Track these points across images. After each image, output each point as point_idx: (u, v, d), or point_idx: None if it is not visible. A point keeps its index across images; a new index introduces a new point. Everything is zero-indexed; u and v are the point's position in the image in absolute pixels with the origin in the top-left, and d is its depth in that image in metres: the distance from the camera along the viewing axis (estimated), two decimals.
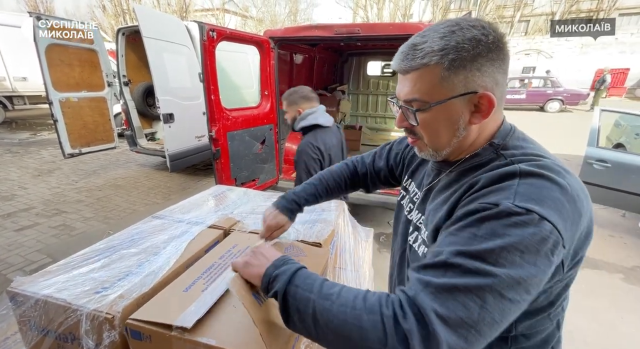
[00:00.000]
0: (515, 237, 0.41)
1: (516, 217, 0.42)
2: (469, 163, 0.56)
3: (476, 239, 0.43)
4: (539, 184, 0.45)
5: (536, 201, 0.43)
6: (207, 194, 1.37)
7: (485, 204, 0.45)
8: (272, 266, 0.55)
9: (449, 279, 0.42)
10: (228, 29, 2.55)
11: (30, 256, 2.62)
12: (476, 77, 0.49)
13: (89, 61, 4.27)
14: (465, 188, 0.51)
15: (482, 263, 0.41)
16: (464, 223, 0.46)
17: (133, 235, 0.96)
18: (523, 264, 0.41)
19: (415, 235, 0.65)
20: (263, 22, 23.64)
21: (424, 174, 0.70)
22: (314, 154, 1.62)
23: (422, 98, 0.52)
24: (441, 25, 0.51)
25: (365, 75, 5.33)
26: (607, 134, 4.12)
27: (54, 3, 19.06)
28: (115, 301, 0.65)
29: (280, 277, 0.52)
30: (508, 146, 0.54)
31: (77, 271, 0.76)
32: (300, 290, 0.49)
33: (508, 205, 0.43)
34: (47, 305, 0.65)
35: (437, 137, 0.55)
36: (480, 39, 0.48)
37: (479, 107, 0.51)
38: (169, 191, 4.22)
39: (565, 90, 12.00)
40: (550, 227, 0.42)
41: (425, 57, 0.49)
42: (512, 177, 0.46)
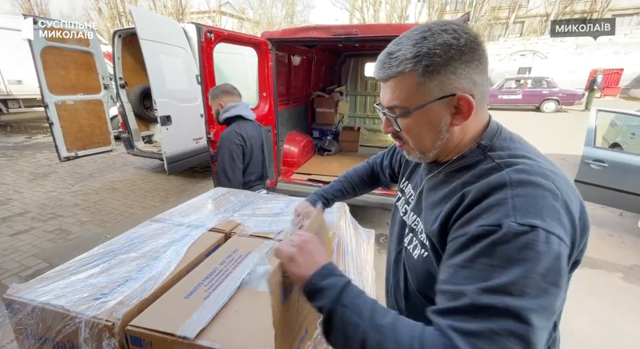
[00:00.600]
0: (532, 261, 0.40)
1: (524, 237, 0.41)
2: (456, 164, 0.57)
3: (494, 270, 0.41)
4: (532, 194, 0.44)
5: (536, 214, 0.42)
6: (206, 197, 1.35)
7: (487, 227, 0.43)
8: (318, 274, 0.51)
9: (483, 324, 0.40)
10: (226, 31, 2.54)
11: (25, 261, 2.58)
12: (452, 80, 0.50)
13: (85, 64, 4.24)
14: (457, 199, 0.51)
15: (510, 297, 0.39)
16: (473, 252, 0.44)
17: (132, 239, 0.95)
18: (548, 287, 0.40)
19: (410, 237, 0.64)
20: (260, 25, 23.66)
21: (419, 174, 0.72)
22: (236, 140, 1.72)
23: (401, 104, 0.54)
24: (415, 31, 0.52)
25: (363, 77, 5.33)
26: (604, 134, 4.15)
27: (49, 5, 18.96)
28: (115, 308, 0.64)
29: (327, 292, 0.49)
30: (495, 147, 0.54)
31: (76, 276, 0.75)
32: (348, 312, 0.47)
33: (511, 225, 0.42)
34: (45, 312, 0.63)
35: (421, 141, 0.57)
36: (451, 44, 0.49)
37: (459, 108, 0.52)
38: (167, 193, 4.19)
39: (560, 90, 12.09)
40: (557, 241, 0.42)
41: (400, 65, 0.51)
42: (501, 188, 0.46)
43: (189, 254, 0.87)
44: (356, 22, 22.37)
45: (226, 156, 1.71)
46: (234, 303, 0.68)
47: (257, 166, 1.89)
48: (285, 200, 1.31)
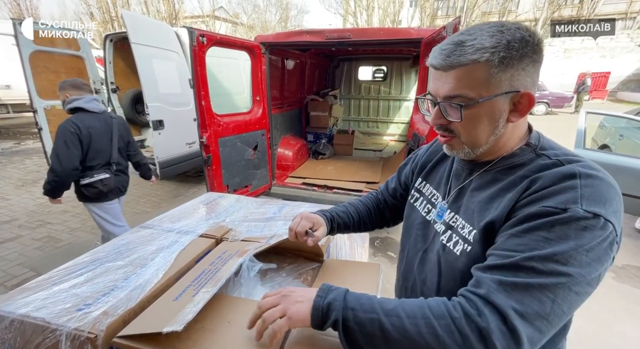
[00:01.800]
0: (584, 239, 0.44)
1: (585, 221, 0.45)
2: (507, 162, 0.58)
3: (547, 242, 0.45)
4: (598, 186, 0.47)
5: (601, 204, 0.46)
6: (197, 202, 1.33)
7: (552, 208, 0.47)
8: (318, 297, 0.53)
9: (521, 279, 0.44)
10: (218, 35, 2.53)
11: (12, 270, 2.51)
12: (521, 76, 0.51)
13: (75, 68, 4.18)
14: (524, 186, 0.52)
15: (554, 264, 0.44)
16: (530, 225, 0.47)
17: (120, 247, 0.92)
18: (590, 262, 0.44)
19: (449, 234, 0.63)
20: (254, 29, 23.71)
21: (442, 175, 0.72)
22: (71, 128, 1.91)
23: (467, 94, 0.53)
24: (485, 26, 0.53)
25: (357, 80, 5.36)
26: (593, 135, 4.23)
27: (39, 10, 18.76)
28: (98, 319, 0.61)
29: (333, 304, 0.51)
30: (545, 146, 0.57)
31: (58, 286, 0.72)
32: (358, 313, 0.50)
33: (578, 210, 0.45)
34: (24, 325, 0.60)
35: (477, 134, 0.56)
36: (528, 40, 0.50)
37: (517, 106, 0.54)
38: (159, 199, 4.13)
39: (550, 93, 12.32)
40: (611, 228, 0.45)
41: (476, 53, 0.50)
42: (572, 178, 0.48)
43: (178, 261, 0.84)
44: (349, 26, 22.58)
45: (60, 141, 1.90)
46: (226, 313, 0.66)
47: (99, 153, 2.09)
48: (278, 205, 1.30)
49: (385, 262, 2.65)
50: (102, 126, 2.10)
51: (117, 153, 2.22)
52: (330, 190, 3.18)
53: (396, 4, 21.63)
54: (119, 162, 2.26)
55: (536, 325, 0.43)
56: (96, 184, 2.10)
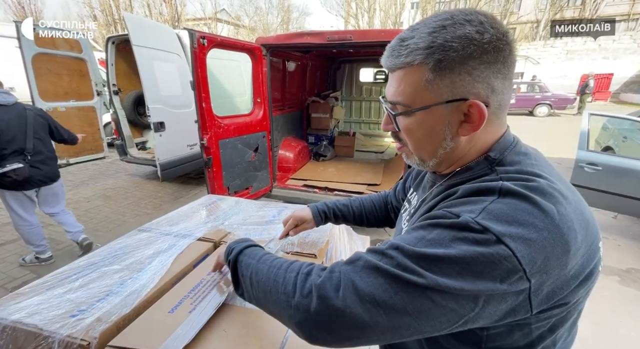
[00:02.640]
0: (459, 251, 0.37)
1: (469, 233, 0.38)
2: (459, 177, 0.50)
3: (422, 242, 0.40)
4: (515, 206, 0.39)
5: (501, 221, 0.37)
6: (197, 205, 1.32)
7: (447, 212, 0.42)
8: (234, 241, 0.63)
9: (378, 262, 0.41)
10: (219, 36, 2.53)
11: (12, 273, 2.50)
12: (466, 82, 0.43)
13: (77, 70, 4.20)
14: (443, 196, 0.48)
15: (414, 263, 0.39)
16: (419, 224, 0.44)
17: (116, 250, 0.91)
18: (459, 279, 0.36)
19: None
20: (255, 31, 23.80)
21: (425, 184, 0.66)
22: None
23: (404, 101, 0.47)
24: (436, 17, 0.45)
25: (358, 82, 5.35)
26: (596, 137, 4.20)
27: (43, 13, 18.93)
28: (92, 325, 0.60)
29: (236, 248, 0.60)
30: (505, 161, 0.47)
31: (52, 291, 0.71)
32: (246, 258, 0.57)
33: (467, 219, 0.39)
34: (16, 332, 0.59)
35: (420, 146, 0.50)
36: (473, 38, 0.41)
37: (468, 116, 0.45)
38: (160, 201, 4.12)
39: (552, 95, 12.28)
40: (507, 253, 0.36)
41: (410, 55, 0.44)
42: (489, 193, 0.41)
43: (176, 265, 0.83)
44: (351, 28, 22.63)
45: None
46: (222, 322, 0.64)
47: (10, 143, 2.16)
48: (278, 207, 1.28)
49: None
50: (13, 117, 2.20)
51: (31, 144, 2.26)
52: (332, 192, 3.17)
53: (397, 6, 21.67)
54: (36, 153, 2.30)
55: (367, 307, 0.38)
56: (9, 173, 2.16)
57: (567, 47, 16.51)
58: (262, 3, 26.16)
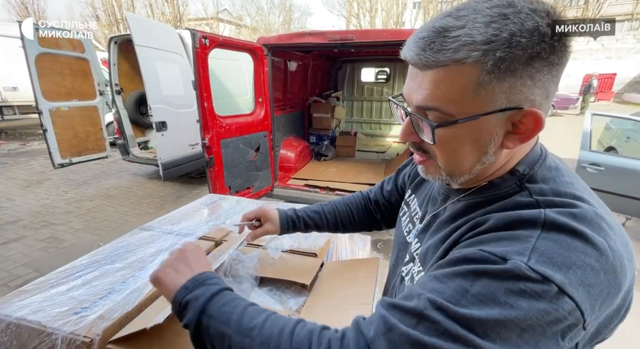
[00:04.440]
0: (519, 311, 0.30)
1: (527, 283, 0.31)
2: (483, 194, 0.43)
3: (466, 298, 0.32)
4: (567, 244, 0.32)
5: (559, 266, 0.31)
6: (198, 204, 1.32)
7: (489, 254, 0.34)
8: (184, 287, 0.44)
9: (418, 334, 0.33)
10: (221, 36, 2.54)
11: (15, 271, 2.52)
12: (526, 87, 0.35)
13: (80, 70, 4.23)
14: (470, 226, 0.40)
15: (466, 330, 0.31)
16: (455, 270, 0.35)
17: (119, 249, 0.92)
18: (519, 344, 0.31)
19: (410, 267, 0.53)
20: (257, 31, 23.83)
21: (428, 192, 0.59)
22: None
23: (445, 108, 0.37)
24: (486, 3, 0.35)
25: (360, 82, 5.35)
26: (599, 137, 4.18)
27: (46, 13, 19.02)
28: (94, 323, 0.60)
29: (191, 304, 0.43)
30: (536, 178, 0.40)
31: (56, 289, 0.71)
32: (214, 322, 0.41)
33: (519, 265, 0.31)
34: (20, 329, 0.60)
35: (456, 162, 0.42)
36: (545, 33, 0.33)
37: (518, 127, 0.38)
38: (162, 200, 4.14)
39: (555, 94, 12.27)
40: (571, 307, 0.31)
41: (461, 49, 0.34)
42: (532, 226, 0.34)
43: None
44: (352, 28, 22.61)
45: None
46: None
47: None
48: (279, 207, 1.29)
49: (387, 264, 2.63)
50: None
51: None
52: (333, 192, 3.17)
53: (399, 6, 21.63)
54: None
55: None
56: None
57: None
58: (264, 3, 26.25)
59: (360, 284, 0.79)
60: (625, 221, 3.42)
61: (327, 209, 0.80)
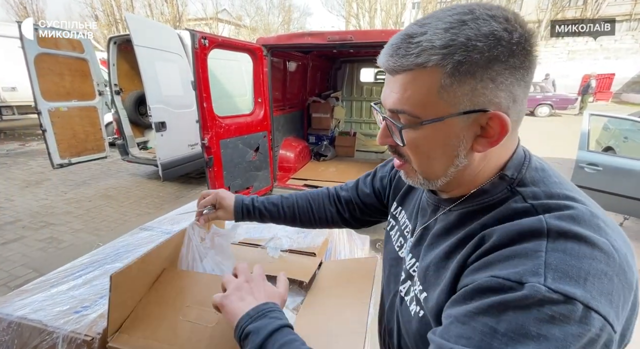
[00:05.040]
0: (554, 341, 0.29)
1: (552, 307, 0.30)
2: (474, 202, 0.43)
3: (497, 339, 0.31)
4: (576, 252, 0.32)
5: (576, 280, 0.30)
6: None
7: (503, 280, 0.32)
8: (247, 315, 0.46)
9: None
10: (220, 37, 2.55)
11: (15, 271, 2.53)
12: (488, 89, 0.36)
13: (79, 70, 4.23)
14: (475, 243, 0.39)
15: None
16: (475, 307, 0.33)
17: (119, 248, 0.92)
18: None
19: (408, 286, 0.51)
20: (257, 31, 23.84)
21: (415, 203, 0.58)
22: None
23: (412, 111, 0.39)
24: (449, 11, 0.37)
25: (359, 82, 5.37)
26: (597, 137, 4.20)
27: (45, 13, 18.99)
28: (95, 321, 0.61)
29: (252, 337, 0.44)
30: (526, 181, 0.41)
31: (56, 288, 0.72)
32: None
33: (538, 288, 0.30)
34: (21, 328, 0.61)
35: (429, 164, 0.43)
36: (501, 37, 0.34)
37: (486, 130, 0.38)
38: (162, 200, 4.14)
39: (554, 95, 12.29)
40: (600, 323, 0.30)
41: (422, 54, 0.36)
42: (537, 237, 0.34)
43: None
44: (352, 28, 22.64)
45: None
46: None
47: None
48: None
49: None
50: None
51: None
52: None
53: (399, 6, 21.67)
54: None
55: None
56: None
57: (568, 47, 16.50)
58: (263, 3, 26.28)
59: (358, 284, 0.80)
60: (623, 221, 3.43)
61: (286, 203, 0.79)
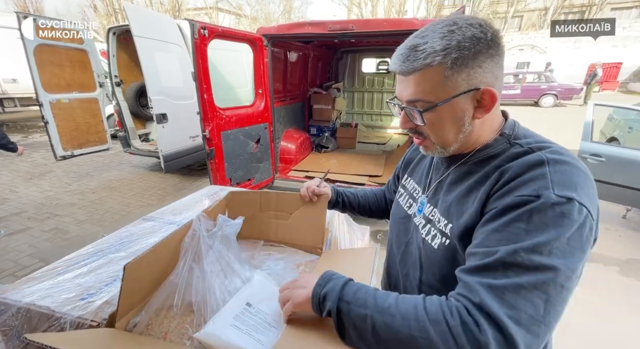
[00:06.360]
0: (564, 227, 0.44)
1: (560, 206, 0.44)
2: (482, 154, 0.58)
3: (528, 234, 0.44)
4: (568, 171, 0.48)
5: (572, 188, 0.46)
6: (199, 195, 1.34)
7: (526, 196, 0.46)
8: (318, 285, 0.54)
9: (511, 280, 0.43)
10: (220, 27, 2.52)
11: (22, 261, 2.58)
12: (478, 73, 0.51)
13: (79, 61, 4.20)
14: (495, 178, 0.52)
15: (539, 256, 0.43)
16: (509, 218, 0.47)
17: (122, 238, 0.94)
18: (573, 251, 0.44)
19: (428, 228, 0.63)
20: (257, 21, 23.46)
21: (423, 169, 0.73)
22: None
23: (426, 98, 0.53)
24: (438, 25, 0.52)
25: (360, 73, 5.30)
26: (601, 128, 4.14)
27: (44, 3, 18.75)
28: (101, 308, 0.63)
29: (328, 296, 0.52)
30: (519, 135, 0.57)
31: (62, 276, 0.74)
32: (353, 307, 0.50)
33: (550, 195, 0.45)
34: (30, 313, 0.63)
35: (444, 135, 0.57)
36: (480, 37, 0.50)
37: (481, 102, 0.54)
38: (164, 192, 4.18)
39: (559, 85, 12.07)
40: (587, 213, 0.45)
41: (428, 57, 0.50)
42: (540, 165, 0.49)
43: None
44: (354, 17, 22.21)
45: None
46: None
47: None
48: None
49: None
50: None
51: None
52: (333, 183, 3.18)
53: None
54: None
55: (533, 330, 0.42)
56: None
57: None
58: None
59: (358, 273, 0.81)
60: (626, 213, 3.42)
61: (359, 194, 0.98)
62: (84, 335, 0.56)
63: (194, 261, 0.70)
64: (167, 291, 0.67)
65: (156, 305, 0.66)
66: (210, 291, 0.66)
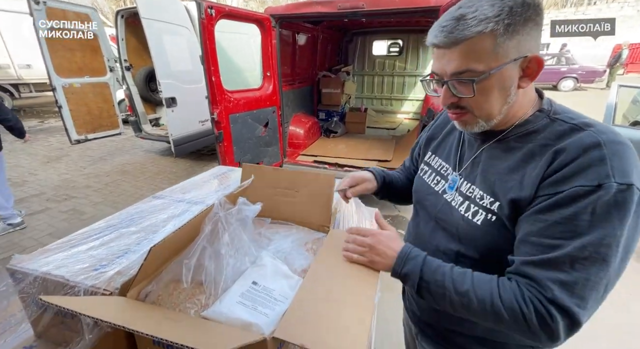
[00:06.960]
0: (627, 216, 0.45)
1: (622, 194, 0.45)
2: (522, 129, 0.57)
3: (592, 226, 0.46)
4: (623, 154, 0.47)
5: (630, 173, 0.46)
6: (208, 175, 1.36)
7: (587, 187, 0.46)
8: (397, 264, 0.62)
9: (580, 274, 0.46)
10: (227, 7, 2.46)
11: (42, 239, 2.69)
12: (526, 41, 0.50)
13: (89, 46, 4.22)
14: (548, 159, 0.51)
15: (606, 249, 0.45)
16: (571, 212, 0.47)
17: (133, 215, 0.96)
18: (634, 235, 0.47)
19: (467, 204, 0.63)
20: (266, 2, 22.91)
21: (451, 147, 0.72)
22: None
23: (476, 68, 0.52)
24: None
25: (371, 56, 5.15)
26: (624, 111, 3.95)
27: None
28: (113, 278, 0.65)
29: (409, 277, 0.60)
30: (558, 111, 0.56)
31: (76, 249, 0.76)
32: (432, 286, 0.58)
33: (612, 185, 0.45)
34: (46, 282, 0.65)
35: (490, 106, 0.55)
36: (529, 3, 0.49)
37: (526, 70, 0.53)
38: (175, 176, 4.25)
39: (580, 67, 11.47)
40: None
41: (480, 24, 0.49)
42: (597, 148, 0.48)
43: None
44: None
45: None
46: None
47: None
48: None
49: None
50: None
51: None
52: (342, 168, 3.17)
53: None
54: None
55: (594, 308, 0.48)
56: None
57: (600, 13, 15.18)
58: None
59: None
60: None
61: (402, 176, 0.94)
62: (98, 301, 0.58)
63: (208, 242, 0.70)
64: (179, 267, 0.68)
65: (167, 278, 0.67)
66: (222, 271, 0.67)
